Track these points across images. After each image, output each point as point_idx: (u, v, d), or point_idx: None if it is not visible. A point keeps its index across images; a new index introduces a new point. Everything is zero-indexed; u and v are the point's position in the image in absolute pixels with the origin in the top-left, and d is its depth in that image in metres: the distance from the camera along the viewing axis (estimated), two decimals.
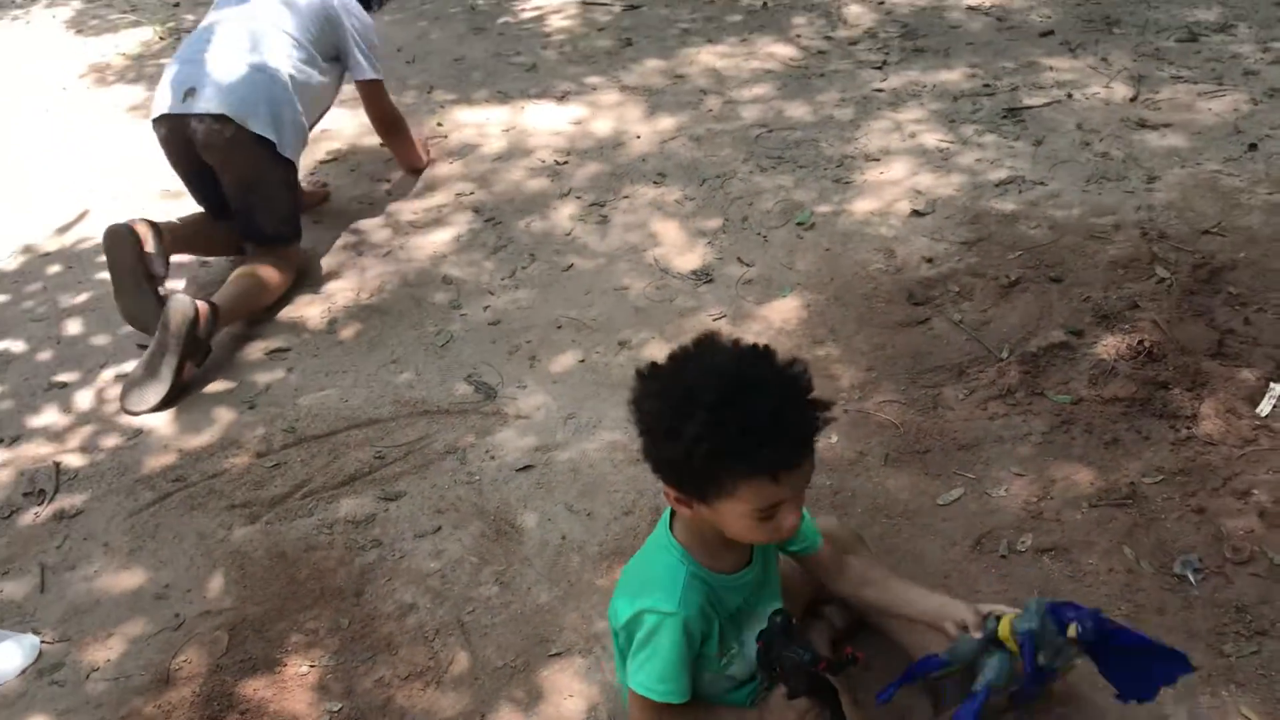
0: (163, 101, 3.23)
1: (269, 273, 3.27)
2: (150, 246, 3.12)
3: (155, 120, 3.28)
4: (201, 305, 3.01)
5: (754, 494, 1.52)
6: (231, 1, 3.43)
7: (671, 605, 1.67)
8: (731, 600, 1.74)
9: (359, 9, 3.58)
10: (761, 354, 1.57)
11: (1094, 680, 1.84)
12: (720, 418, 1.47)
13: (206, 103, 3.14)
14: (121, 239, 3.10)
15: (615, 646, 1.87)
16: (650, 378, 1.59)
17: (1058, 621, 1.68)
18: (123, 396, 2.99)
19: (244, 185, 3.28)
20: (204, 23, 3.45)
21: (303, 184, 3.64)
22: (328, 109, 3.68)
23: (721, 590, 1.73)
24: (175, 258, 3.30)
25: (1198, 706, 1.91)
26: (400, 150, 3.89)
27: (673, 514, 1.76)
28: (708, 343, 1.61)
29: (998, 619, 1.74)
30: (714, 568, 1.72)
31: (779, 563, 1.91)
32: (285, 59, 3.31)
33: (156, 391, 2.97)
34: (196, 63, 3.23)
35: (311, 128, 3.54)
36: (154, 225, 3.17)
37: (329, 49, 3.50)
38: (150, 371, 2.97)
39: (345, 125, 3.97)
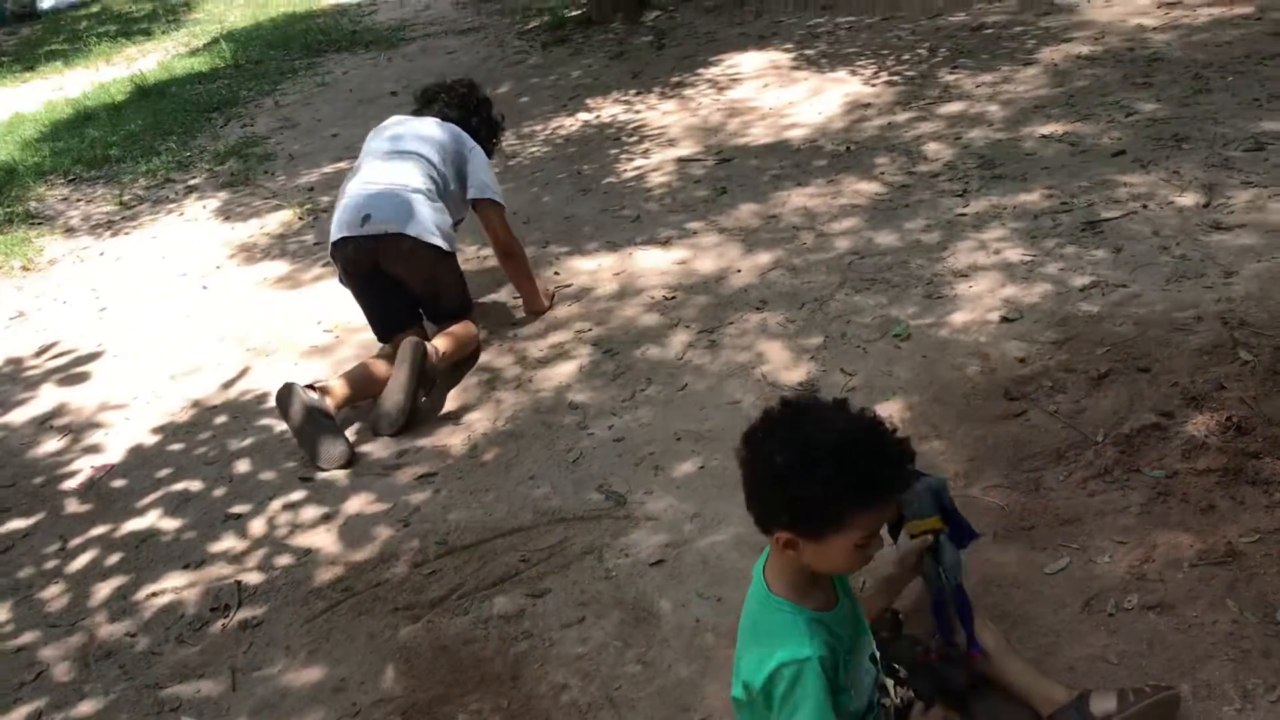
0: (342, 227, 3.92)
1: (465, 328, 4.09)
2: (315, 396, 3.65)
3: (337, 242, 3.95)
4: (429, 344, 3.80)
5: (866, 523, 1.78)
6: (381, 145, 4.16)
7: (805, 651, 1.84)
8: (843, 631, 1.95)
9: (480, 149, 4.36)
10: (843, 402, 1.85)
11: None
12: (851, 457, 1.74)
13: (385, 225, 3.87)
14: (289, 394, 3.62)
15: (742, 697, 2.06)
16: (768, 436, 1.84)
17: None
18: (373, 423, 3.74)
19: (428, 282, 4.03)
20: (359, 163, 4.16)
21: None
22: (461, 220, 4.35)
23: (833, 624, 1.93)
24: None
25: None
26: (521, 282, 4.38)
27: (764, 575, 1.98)
28: (798, 402, 1.88)
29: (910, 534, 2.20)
30: (818, 607, 1.93)
31: None
32: (427, 181, 4.04)
33: (400, 414, 3.69)
34: (365, 195, 3.95)
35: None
36: (310, 385, 3.73)
37: (458, 174, 4.21)
38: (395, 406, 3.69)
39: (476, 281, 4.39)
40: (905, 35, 7.25)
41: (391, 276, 3.96)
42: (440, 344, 3.89)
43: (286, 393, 3.63)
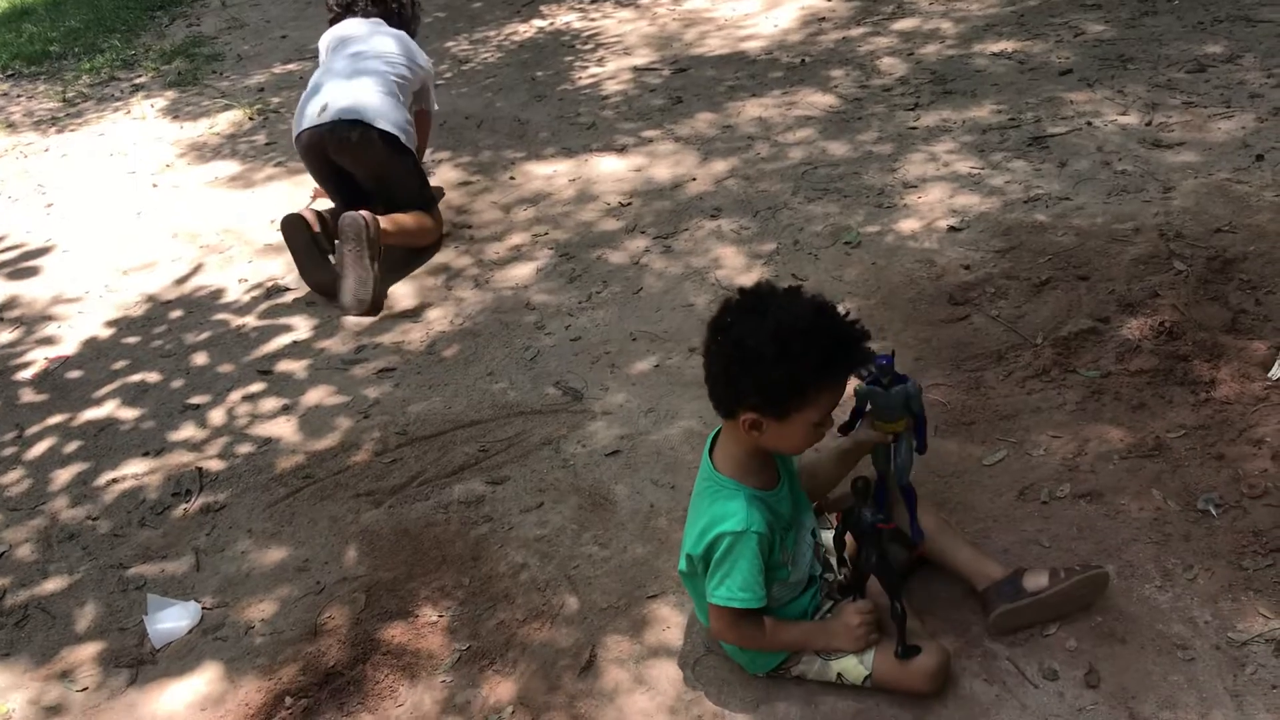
0: (301, 121, 3.99)
1: (424, 218, 4.11)
2: (317, 228, 3.85)
3: (296, 136, 4.02)
4: (367, 214, 3.80)
5: (827, 400, 1.89)
6: (342, 64, 4.13)
7: (742, 525, 1.98)
8: (783, 509, 2.07)
9: (428, 59, 4.46)
10: (797, 289, 1.96)
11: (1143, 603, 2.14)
12: (816, 336, 1.85)
13: (337, 113, 3.91)
14: (295, 225, 3.81)
15: (693, 591, 2.19)
16: (736, 322, 1.92)
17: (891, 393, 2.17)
18: (342, 306, 3.82)
19: (376, 177, 4.08)
20: (319, 79, 4.13)
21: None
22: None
23: (773, 502, 2.05)
24: None
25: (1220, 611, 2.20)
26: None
27: (710, 457, 2.09)
28: (758, 290, 1.97)
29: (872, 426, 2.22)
30: (760, 486, 2.05)
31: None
32: (390, 79, 4.10)
33: (365, 288, 3.78)
34: (324, 88, 4.00)
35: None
36: (318, 213, 3.91)
37: (419, 93, 4.34)
38: (355, 278, 3.77)
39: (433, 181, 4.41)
40: None
41: (340, 167, 4.03)
42: (386, 221, 3.93)
43: (289, 223, 3.86)
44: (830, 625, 2.14)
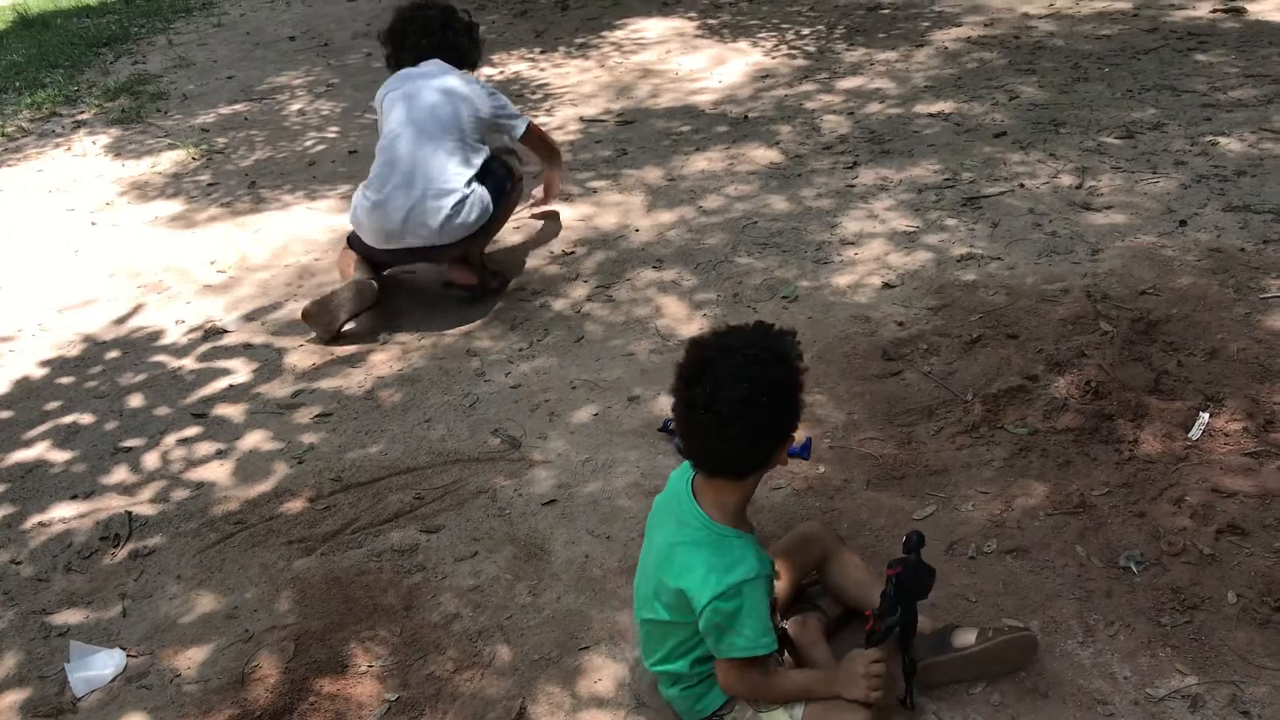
0: (375, 237, 3.98)
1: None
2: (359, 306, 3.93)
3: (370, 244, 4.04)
4: (460, 275, 4.07)
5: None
6: (400, 130, 3.93)
7: (755, 570, 2.01)
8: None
9: (483, 88, 4.12)
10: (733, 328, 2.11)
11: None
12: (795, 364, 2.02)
13: (421, 240, 3.92)
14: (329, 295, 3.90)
15: (652, 639, 2.18)
16: (737, 380, 1.94)
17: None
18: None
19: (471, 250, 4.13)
20: (386, 145, 3.97)
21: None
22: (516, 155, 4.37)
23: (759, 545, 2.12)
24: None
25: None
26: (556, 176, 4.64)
27: (702, 510, 2.08)
28: (715, 339, 2.08)
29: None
30: (749, 531, 2.13)
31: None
32: (461, 165, 3.93)
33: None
34: (395, 207, 3.88)
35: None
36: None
37: (491, 129, 4.14)
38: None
39: None
40: (804, 11, 7.42)
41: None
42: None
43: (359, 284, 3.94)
44: (837, 674, 2.13)
